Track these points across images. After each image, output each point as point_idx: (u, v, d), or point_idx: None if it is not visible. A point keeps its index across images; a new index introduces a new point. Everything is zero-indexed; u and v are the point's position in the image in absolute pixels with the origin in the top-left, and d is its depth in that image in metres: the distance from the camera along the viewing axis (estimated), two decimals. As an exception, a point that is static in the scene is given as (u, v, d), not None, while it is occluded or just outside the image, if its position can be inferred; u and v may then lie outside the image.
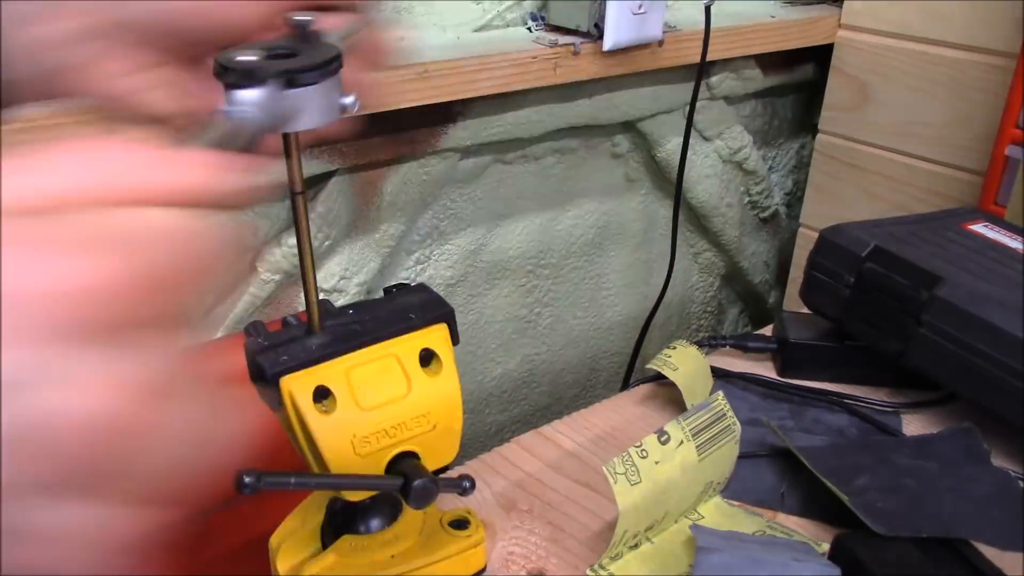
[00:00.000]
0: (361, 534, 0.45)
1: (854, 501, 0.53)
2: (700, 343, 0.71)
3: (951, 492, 0.56)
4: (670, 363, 0.65)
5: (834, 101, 1.09)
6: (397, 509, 0.46)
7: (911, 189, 1.04)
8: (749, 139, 1.14)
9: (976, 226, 0.73)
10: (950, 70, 0.96)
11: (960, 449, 0.61)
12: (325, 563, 0.44)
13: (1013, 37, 0.89)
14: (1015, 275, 0.65)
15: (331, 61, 0.32)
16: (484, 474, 0.59)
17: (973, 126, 0.96)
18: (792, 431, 0.65)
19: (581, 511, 0.56)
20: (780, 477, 0.60)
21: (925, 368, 0.63)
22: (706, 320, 1.29)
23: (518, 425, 1.09)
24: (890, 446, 0.62)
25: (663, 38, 0.88)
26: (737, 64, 1.06)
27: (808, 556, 0.49)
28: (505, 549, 0.53)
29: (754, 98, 1.15)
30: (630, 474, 0.49)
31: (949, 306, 0.61)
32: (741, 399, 0.69)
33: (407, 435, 0.40)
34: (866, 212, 1.06)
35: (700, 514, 0.56)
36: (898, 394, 0.70)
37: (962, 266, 0.65)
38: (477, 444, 1.03)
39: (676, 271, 1.03)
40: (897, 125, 1.03)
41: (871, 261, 0.67)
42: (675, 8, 0.96)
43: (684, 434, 0.52)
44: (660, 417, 0.67)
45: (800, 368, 0.72)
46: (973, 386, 0.61)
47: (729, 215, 1.16)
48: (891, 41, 1.01)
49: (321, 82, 0.32)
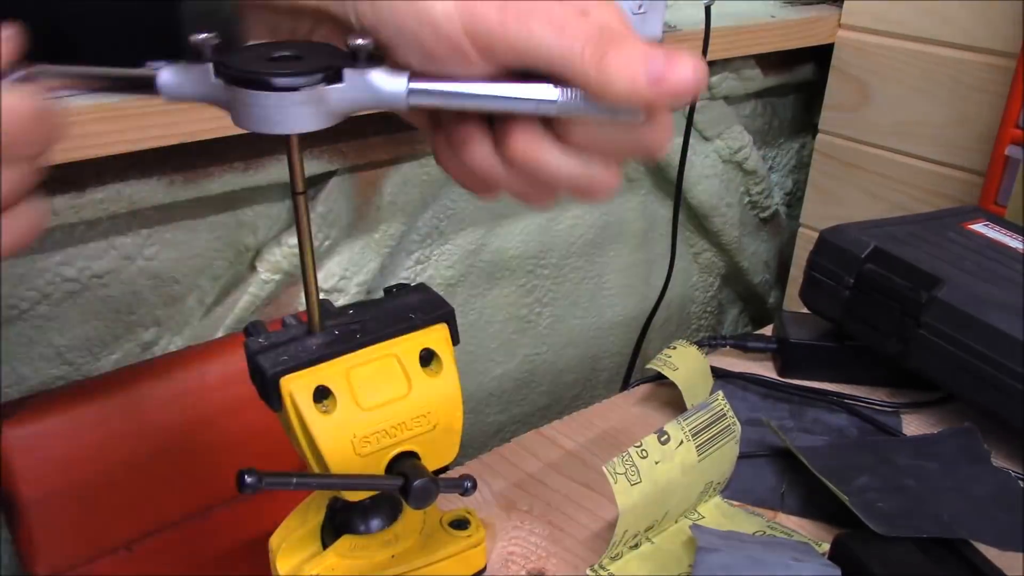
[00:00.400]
0: (361, 534, 0.45)
1: (854, 501, 0.53)
2: (700, 343, 0.71)
3: (951, 492, 0.56)
4: (670, 363, 0.65)
5: (834, 101, 1.09)
6: (397, 509, 0.46)
7: (911, 189, 1.04)
8: (749, 139, 1.14)
9: (977, 225, 0.73)
10: (950, 70, 0.96)
11: (960, 449, 0.61)
12: (325, 563, 0.44)
13: (1013, 37, 0.89)
14: (1015, 276, 0.65)
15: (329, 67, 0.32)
16: (484, 474, 0.59)
17: (973, 126, 0.96)
18: (792, 431, 0.65)
19: (581, 511, 0.56)
20: (780, 477, 0.60)
21: (925, 369, 0.64)
22: (706, 320, 1.29)
23: (518, 425, 1.09)
24: (890, 446, 0.62)
25: (663, 38, 0.88)
26: (737, 64, 1.06)
27: (808, 556, 0.49)
28: (505, 549, 0.53)
29: (754, 98, 1.15)
30: (630, 474, 0.49)
31: (949, 308, 0.61)
32: (741, 399, 0.69)
33: (407, 435, 0.40)
34: (866, 212, 1.06)
35: (700, 514, 0.56)
36: (898, 394, 0.70)
37: (962, 267, 0.65)
38: (477, 444, 1.03)
39: (676, 271, 1.03)
40: (897, 125, 1.03)
41: (871, 262, 0.67)
42: (675, 8, 0.96)
43: (684, 434, 0.52)
44: (660, 417, 0.67)
45: (800, 368, 0.72)
46: (973, 387, 0.61)
47: (729, 215, 1.16)
48: (891, 41, 1.01)
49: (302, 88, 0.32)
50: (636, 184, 1.08)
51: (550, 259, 1.03)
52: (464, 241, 0.93)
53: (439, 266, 0.93)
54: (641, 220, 1.11)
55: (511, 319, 1.02)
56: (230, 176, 0.71)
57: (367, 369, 0.40)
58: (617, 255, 1.10)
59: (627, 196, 1.08)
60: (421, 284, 0.44)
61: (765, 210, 1.23)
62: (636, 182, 1.08)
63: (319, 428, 0.38)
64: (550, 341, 1.08)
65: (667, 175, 1.07)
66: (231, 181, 0.72)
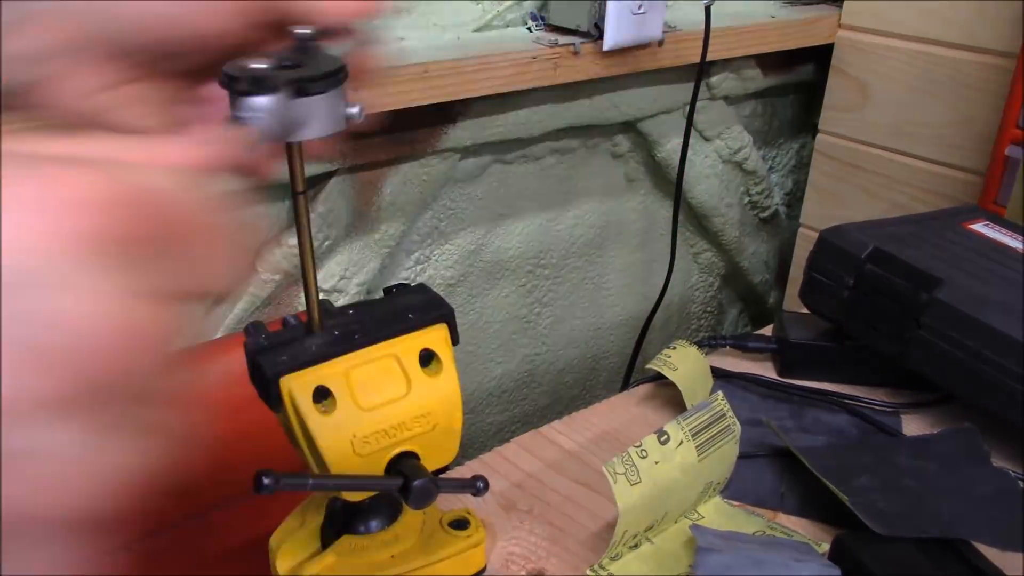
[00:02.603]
0: (361, 534, 0.45)
1: (854, 501, 0.53)
2: (700, 343, 0.71)
3: (951, 492, 0.56)
4: (670, 363, 0.65)
5: (834, 101, 1.09)
6: (397, 509, 0.46)
7: (911, 189, 1.04)
8: (749, 139, 1.14)
9: (977, 225, 0.73)
10: (950, 70, 0.96)
11: (960, 449, 0.61)
12: (325, 563, 0.44)
13: (1013, 37, 0.89)
14: (1015, 276, 0.65)
15: (338, 71, 0.32)
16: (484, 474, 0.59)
17: (973, 126, 0.96)
18: (792, 431, 0.65)
19: (581, 511, 0.56)
20: (780, 477, 0.60)
21: (925, 369, 0.63)
22: (706, 320, 1.29)
23: (518, 425, 1.10)
24: (890, 446, 0.62)
25: (663, 38, 0.88)
26: (737, 64, 1.06)
27: (808, 556, 0.49)
28: (505, 549, 0.53)
29: (754, 98, 1.15)
30: (630, 474, 0.49)
31: (948, 308, 0.61)
32: (741, 399, 0.69)
33: (407, 435, 0.40)
34: (866, 212, 1.06)
35: (700, 514, 0.56)
36: (898, 394, 0.70)
37: (962, 267, 0.65)
38: (477, 444, 1.03)
39: (676, 271, 1.03)
40: (897, 125, 1.03)
41: (871, 263, 0.67)
42: (675, 8, 0.96)
43: (684, 434, 0.52)
44: (660, 417, 0.67)
45: (800, 368, 0.72)
46: (972, 388, 0.61)
47: (729, 215, 1.16)
48: (891, 41, 1.01)
49: (329, 91, 0.32)
50: (636, 184, 1.08)
51: (550, 259, 1.03)
52: (464, 241, 0.93)
53: (439, 266, 0.93)
54: (641, 220, 1.11)
55: (511, 319, 1.02)
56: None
57: (367, 369, 0.40)
58: (617, 255, 1.10)
59: (627, 196, 1.08)
60: (421, 284, 0.44)
61: (765, 210, 1.23)
62: (636, 182, 1.08)
63: (319, 428, 0.38)
64: (550, 341, 1.08)
65: (667, 175, 1.07)
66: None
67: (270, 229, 0.78)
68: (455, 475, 0.59)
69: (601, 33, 0.82)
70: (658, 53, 0.90)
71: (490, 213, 0.94)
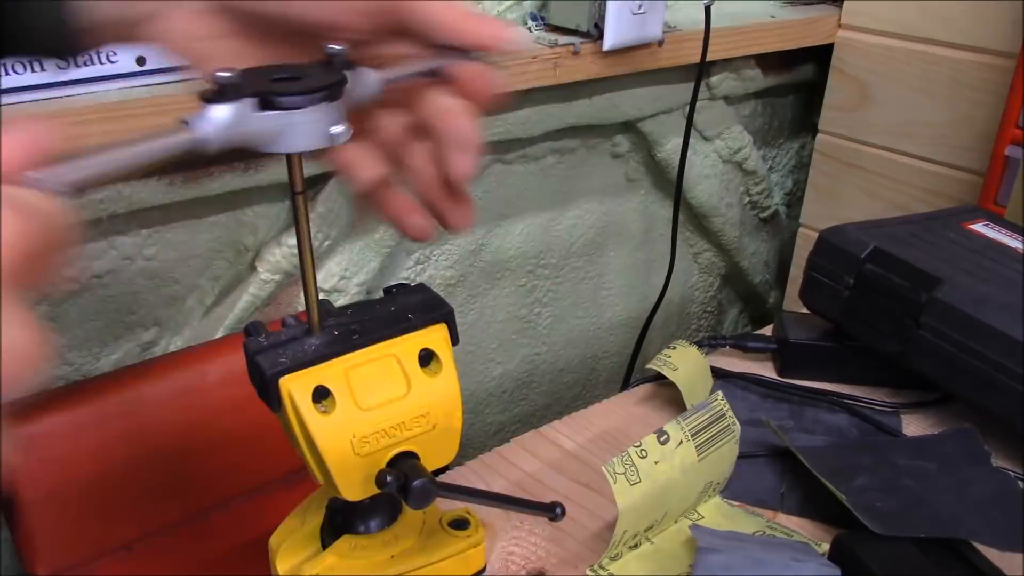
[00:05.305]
0: (361, 534, 0.45)
1: (853, 501, 0.53)
2: (700, 343, 0.71)
3: (951, 492, 0.56)
4: (670, 363, 0.65)
5: (834, 101, 1.09)
6: (397, 509, 0.46)
7: (911, 189, 1.04)
8: (749, 139, 1.14)
9: (977, 225, 0.73)
10: (950, 70, 0.96)
11: (960, 450, 0.61)
12: (325, 563, 0.44)
13: (1013, 37, 0.89)
14: (1015, 276, 0.65)
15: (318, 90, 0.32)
16: (484, 474, 0.59)
17: (973, 126, 0.96)
18: (792, 431, 0.65)
19: (581, 511, 0.56)
20: (780, 477, 0.60)
21: (925, 369, 0.63)
22: (706, 320, 1.29)
23: (518, 425, 1.10)
24: (890, 446, 0.62)
25: (663, 38, 0.88)
26: (737, 64, 1.06)
27: (808, 556, 0.49)
28: (505, 549, 0.53)
29: (754, 98, 1.15)
30: (630, 474, 0.49)
31: (948, 308, 0.61)
32: (741, 399, 0.69)
33: (406, 435, 0.40)
34: (866, 212, 1.06)
35: (700, 514, 0.56)
36: (898, 394, 0.70)
37: (962, 267, 0.65)
38: (477, 444, 1.03)
39: (676, 271, 1.03)
40: (897, 125, 1.03)
41: (871, 262, 0.67)
42: (675, 8, 0.96)
43: (684, 434, 0.52)
44: (660, 417, 0.67)
45: (800, 368, 0.72)
46: (973, 388, 0.61)
47: (729, 215, 1.16)
48: (891, 41, 1.01)
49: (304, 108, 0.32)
50: (636, 184, 1.08)
51: (550, 259, 1.03)
52: (464, 241, 0.93)
53: (439, 266, 0.93)
54: (641, 220, 1.11)
55: (511, 319, 1.02)
56: (230, 176, 0.72)
57: (366, 369, 0.40)
58: (617, 255, 1.10)
59: (627, 196, 1.08)
60: (421, 284, 0.44)
61: (765, 210, 1.23)
62: (636, 182, 1.08)
63: (318, 428, 0.38)
64: (550, 341, 1.08)
65: (667, 175, 1.07)
66: (231, 181, 0.72)
67: (270, 229, 0.78)
68: (457, 476, 0.59)
69: (601, 33, 0.82)
70: (658, 53, 0.90)
71: (490, 213, 0.94)
